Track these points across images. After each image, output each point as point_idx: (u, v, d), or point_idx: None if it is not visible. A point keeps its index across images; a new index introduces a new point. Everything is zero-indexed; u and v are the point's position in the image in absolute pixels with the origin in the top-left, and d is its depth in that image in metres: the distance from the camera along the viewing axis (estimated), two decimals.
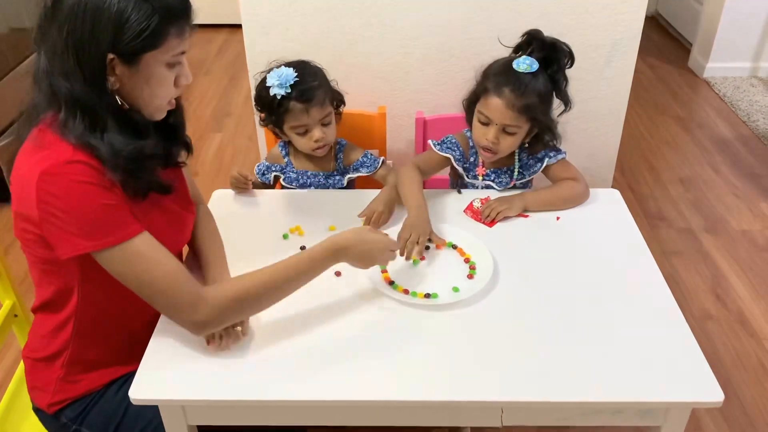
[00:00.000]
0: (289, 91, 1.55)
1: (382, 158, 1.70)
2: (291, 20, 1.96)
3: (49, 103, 1.06)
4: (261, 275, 1.15)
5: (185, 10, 1.08)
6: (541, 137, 1.60)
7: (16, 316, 1.49)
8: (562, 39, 1.54)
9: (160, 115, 1.16)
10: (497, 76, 1.52)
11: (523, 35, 1.56)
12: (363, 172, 1.69)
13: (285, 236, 1.48)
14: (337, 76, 1.67)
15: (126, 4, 1.00)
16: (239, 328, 1.18)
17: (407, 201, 1.51)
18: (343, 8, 1.95)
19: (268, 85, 1.56)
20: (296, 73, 1.56)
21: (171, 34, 1.06)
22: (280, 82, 1.54)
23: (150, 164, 1.14)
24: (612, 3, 1.94)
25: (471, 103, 1.60)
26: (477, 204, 1.55)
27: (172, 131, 1.23)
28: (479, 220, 1.52)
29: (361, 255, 1.23)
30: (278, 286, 1.16)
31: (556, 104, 1.58)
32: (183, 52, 1.11)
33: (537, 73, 1.50)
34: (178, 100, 1.21)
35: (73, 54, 1.01)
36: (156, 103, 1.13)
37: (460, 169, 1.66)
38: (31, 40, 1.08)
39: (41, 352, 1.25)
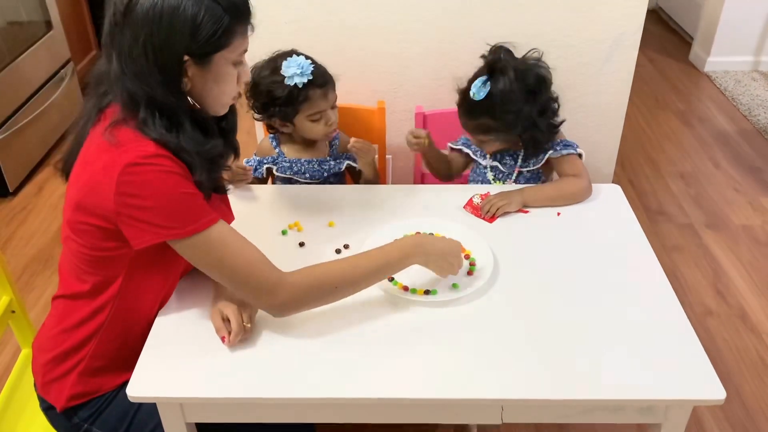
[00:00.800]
0: (311, 77, 1.54)
1: (375, 146, 1.70)
2: (289, 14, 1.95)
3: (125, 105, 1.09)
4: (341, 264, 1.20)
5: (249, 9, 1.11)
6: (532, 137, 1.62)
7: (13, 312, 1.48)
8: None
9: (223, 111, 1.20)
10: (460, 96, 1.62)
11: (490, 50, 1.61)
12: (353, 164, 1.70)
13: (284, 232, 1.47)
14: (336, 70, 1.66)
15: (199, 8, 1.04)
16: (249, 325, 1.18)
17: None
18: (341, 2, 1.93)
19: (286, 75, 1.55)
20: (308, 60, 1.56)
21: (238, 33, 1.10)
22: (301, 71, 1.53)
23: (221, 163, 1.20)
24: None
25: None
26: (477, 200, 1.54)
27: (225, 134, 1.25)
28: (479, 216, 1.51)
29: (438, 255, 1.25)
30: (355, 279, 1.20)
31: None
32: (245, 50, 1.15)
33: (488, 95, 1.54)
34: (233, 105, 1.25)
35: (151, 57, 1.04)
36: (223, 101, 1.17)
37: (470, 152, 1.74)
38: (26, 33, 1.08)
39: (61, 344, 1.23)
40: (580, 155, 1.63)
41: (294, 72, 1.53)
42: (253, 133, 2.28)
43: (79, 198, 1.12)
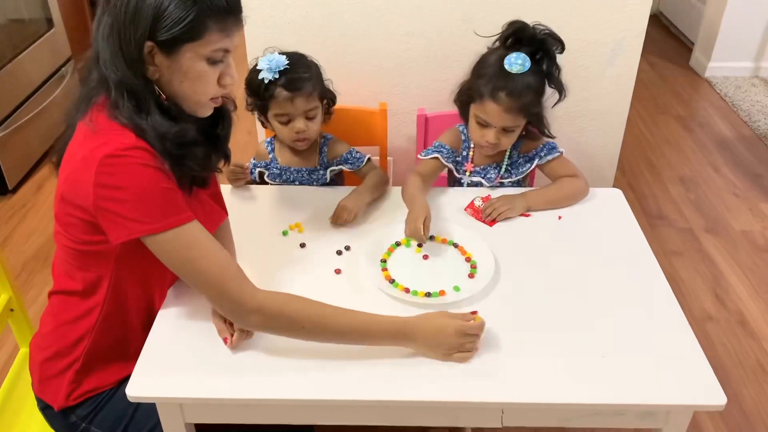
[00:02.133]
0: (277, 76, 1.54)
1: (368, 156, 1.68)
2: (292, 15, 1.95)
3: (99, 86, 1.09)
4: (321, 308, 1.13)
5: (229, 7, 1.08)
6: (535, 127, 1.60)
7: (12, 310, 1.47)
8: (564, 37, 1.53)
9: (205, 112, 1.17)
10: (491, 79, 1.50)
11: (507, 26, 1.53)
12: (346, 167, 1.67)
13: (285, 233, 1.47)
14: (338, 71, 1.65)
15: None
16: None
17: (410, 203, 1.48)
18: (344, 3, 1.93)
19: (258, 68, 1.55)
20: (288, 61, 1.54)
21: (211, 28, 1.06)
22: (269, 66, 1.53)
23: (194, 152, 1.15)
24: (616, 2, 1.93)
25: (465, 103, 1.60)
26: (478, 203, 1.53)
27: (217, 140, 1.25)
28: (480, 219, 1.51)
29: (429, 341, 1.13)
30: (328, 328, 1.13)
31: (551, 92, 1.58)
32: (227, 51, 1.11)
33: (529, 69, 1.48)
34: (228, 112, 1.24)
35: (116, 40, 1.05)
36: (195, 98, 1.13)
37: (450, 165, 1.65)
38: (27, 31, 1.09)
39: (58, 342, 1.23)
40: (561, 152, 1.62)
41: (264, 66, 1.54)
42: (254, 133, 2.28)
43: (63, 190, 1.12)
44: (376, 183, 1.60)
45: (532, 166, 1.62)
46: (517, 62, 1.47)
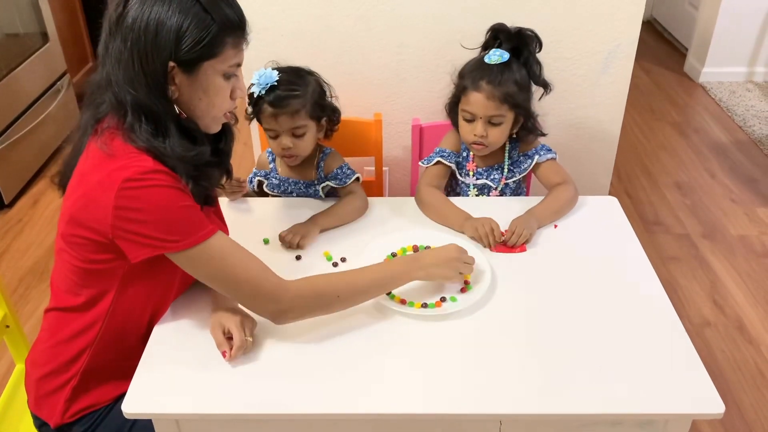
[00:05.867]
0: (264, 92, 1.54)
1: (357, 175, 1.64)
2: (285, 26, 1.96)
3: (114, 110, 1.10)
4: (344, 275, 1.23)
5: (242, 23, 1.12)
6: (526, 125, 1.62)
7: (8, 327, 1.46)
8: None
9: (216, 127, 1.20)
10: (472, 72, 1.58)
11: (487, 32, 1.62)
12: (332, 184, 1.63)
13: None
14: (332, 83, 1.65)
15: (186, 14, 1.05)
16: (250, 339, 1.17)
17: (448, 219, 1.52)
18: (338, 15, 1.94)
19: (251, 81, 1.56)
20: (279, 77, 1.54)
21: (228, 45, 1.10)
22: (258, 81, 1.54)
23: (210, 172, 1.19)
24: (608, 10, 1.94)
25: (453, 105, 1.65)
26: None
27: (221, 155, 1.26)
28: (509, 251, 1.45)
29: (435, 264, 1.26)
30: (358, 289, 1.22)
31: (541, 93, 1.62)
32: (239, 65, 1.15)
33: (509, 63, 1.55)
34: (230, 127, 1.26)
35: (137, 62, 1.06)
36: (213, 114, 1.17)
37: (453, 166, 1.67)
38: (22, 45, 1.09)
39: (54, 359, 1.22)
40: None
41: (256, 80, 1.54)
42: (250, 144, 2.28)
43: (73, 211, 1.12)
44: (346, 211, 1.56)
45: (533, 163, 1.64)
46: (495, 54, 1.55)
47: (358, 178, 1.64)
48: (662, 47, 4.54)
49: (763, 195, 2.92)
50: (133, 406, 1.08)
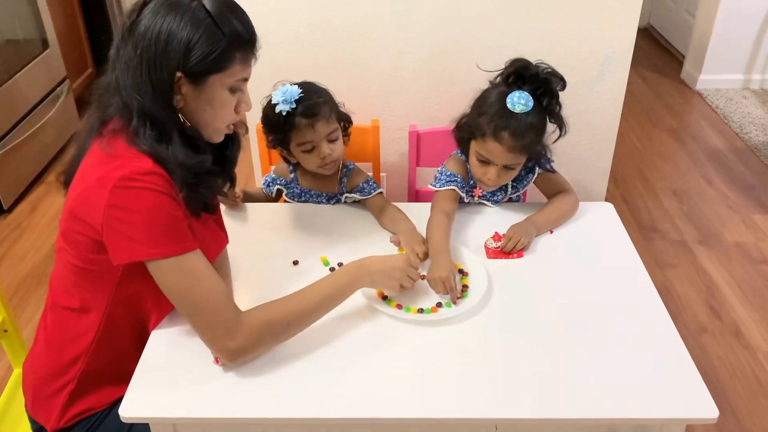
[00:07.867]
0: (294, 106, 1.55)
1: (381, 190, 1.65)
2: (283, 35, 1.96)
3: (121, 114, 1.12)
4: (290, 300, 1.18)
5: (251, 39, 1.14)
6: (539, 162, 1.61)
7: (6, 331, 1.47)
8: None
9: (218, 138, 1.21)
10: (494, 118, 1.47)
11: (509, 64, 1.52)
12: (357, 196, 1.65)
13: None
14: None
15: (198, 28, 1.07)
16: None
17: (434, 254, 1.42)
18: (336, 22, 1.95)
19: (273, 102, 1.56)
20: (300, 90, 1.56)
21: (236, 60, 1.12)
22: (284, 98, 1.54)
23: (210, 181, 1.20)
24: (604, 17, 1.95)
25: (465, 139, 1.59)
26: (492, 244, 1.49)
27: (225, 163, 1.28)
28: (505, 257, 1.46)
29: (382, 272, 1.25)
30: (308, 312, 1.19)
31: (552, 128, 1.57)
32: (245, 79, 1.17)
33: (532, 108, 1.47)
34: (238, 135, 1.27)
35: (145, 70, 1.08)
36: (216, 125, 1.18)
37: (462, 194, 1.62)
38: (22, 51, 1.10)
39: (52, 362, 1.23)
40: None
41: (280, 99, 1.55)
42: (248, 148, 2.28)
43: (73, 207, 1.13)
44: (403, 217, 1.57)
45: (535, 176, 1.63)
46: (520, 102, 1.46)
47: (381, 192, 1.65)
48: (659, 54, 4.56)
49: (760, 202, 2.93)
50: (130, 410, 1.09)
